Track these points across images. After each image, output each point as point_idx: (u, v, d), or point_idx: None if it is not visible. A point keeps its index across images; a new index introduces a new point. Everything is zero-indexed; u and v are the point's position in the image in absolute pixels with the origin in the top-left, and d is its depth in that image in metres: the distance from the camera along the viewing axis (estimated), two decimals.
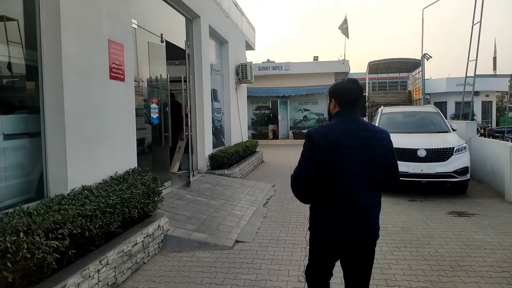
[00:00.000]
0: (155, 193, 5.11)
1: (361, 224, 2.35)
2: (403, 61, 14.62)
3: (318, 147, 2.29)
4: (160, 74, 7.33)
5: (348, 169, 2.29)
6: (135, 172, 5.33)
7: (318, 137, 2.32)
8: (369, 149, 2.32)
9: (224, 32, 11.50)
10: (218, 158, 9.53)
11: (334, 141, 2.30)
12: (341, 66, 22.26)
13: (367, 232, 2.38)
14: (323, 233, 2.42)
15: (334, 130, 2.36)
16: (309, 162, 2.33)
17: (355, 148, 2.30)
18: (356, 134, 2.34)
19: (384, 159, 2.38)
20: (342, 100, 2.45)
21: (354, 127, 2.38)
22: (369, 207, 2.38)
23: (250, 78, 13.14)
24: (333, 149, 2.29)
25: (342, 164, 2.29)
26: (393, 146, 2.46)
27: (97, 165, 4.81)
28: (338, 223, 2.34)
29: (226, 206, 6.81)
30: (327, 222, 2.38)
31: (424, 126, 9.45)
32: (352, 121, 2.41)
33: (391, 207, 7.25)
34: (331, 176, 2.30)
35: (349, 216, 2.32)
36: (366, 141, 2.34)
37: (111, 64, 5.15)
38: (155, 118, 6.93)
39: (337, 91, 2.48)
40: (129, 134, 5.64)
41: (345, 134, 2.33)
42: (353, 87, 2.47)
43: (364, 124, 2.44)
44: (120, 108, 5.38)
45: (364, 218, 2.36)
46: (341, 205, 2.32)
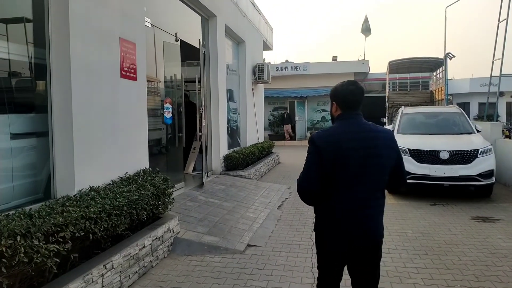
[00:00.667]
0: (165, 194, 4.99)
1: (364, 225, 2.36)
2: (425, 60, 14.17)
3: (321, 151, 2.32)
4: (174, 73, 7.23)
5: (351, 171, 2.31)
6: (145, 173, 5.22)
7: (321, 141, 2.34)
8: (373, 150, 2.33)
9: (241, 32, 11.36)
10: (233, 159, 9.39)
11: (337, 143, 2.32)
12: (360, 66, 21.89)
13: (369, 233, 2.38)
14: (326, 234, 2.45)
15: (336, 133, 2.38)
16: (313, 166, 2.35)
17: (358, 149, 2.31)
18: (358, 136, 2.35)
19: (388, 159, 2.38)
20: (343, 103, 2.45)
21: (356, 129, 2.38)
22: (372, 208, 2.37)
23: (267, 78, 12.97)
24: (336, 152, 2.30)
25: (346, 166, 2.30)
26: (398, 146, 2.45)
27: (106, 166, 4.71)
28: (340, 224, 2.37)
29: (239, 208, 6.65)
30: (329, 222, 2.41)
31: (447, 127, 9.09)
32: (355, 123, 2.41)
33: (411, 211, 6.96)
34: (335, 178, 2.33)
35: (351, 217, 2.34)
36: (369, 142, 2.34)
37: (122, 63, 5.05)
38: (169, 118, 6.83)
39: (338, 93, 2.47)
40: (141, 135, 5.54)
41: (348, 136, 2.34)
42: (354, 88, 2.45)
43: (367, 125, 2.43)
44: (131, 108, 5.28)
45: (366, 219, 2.36)
46: (344, 207, 2.34)
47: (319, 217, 2.47)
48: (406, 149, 7.89)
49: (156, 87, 6.65)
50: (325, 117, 22.72)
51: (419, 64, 14.75)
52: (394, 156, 2.40)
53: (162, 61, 6.94)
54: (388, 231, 5.80)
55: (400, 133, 8.88)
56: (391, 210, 7.00)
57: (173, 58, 7.25)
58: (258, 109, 13.68)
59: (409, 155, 7.82)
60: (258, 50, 14.06)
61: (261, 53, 14.57)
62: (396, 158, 2.42)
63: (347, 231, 2.35)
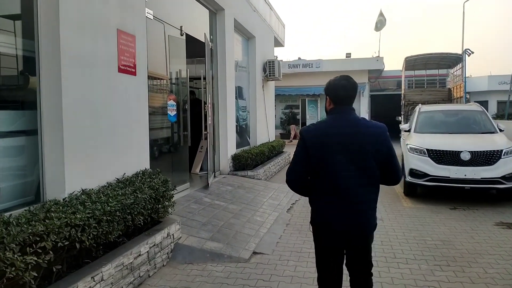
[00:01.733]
0: (165, 197, 4.65)
1: (353, 220, 2.40)
2: (443, 56, 13.58)
3: (307, 145, 2.39)
4: (179, 69, 6.90)
5: (338, 166, 2.35)
6: (145, 175, 4.90)
7: (308, 135, 2.42)
8: (360, 145, 2.35)
9: (250, 27, 10.99)
10: (241, 158, 9.03)
11: (324, 138, 2.37)
12: (375, 63, 21.35)
13: (359, 227, 2.43)
14: (320, 228, 2.51)
15: (324, 127, 2.43)
16: (299, 160, 2.44)
17: (345, 144, 2.34)
18: (346, 131, 2.38)
19: (377, 154, 2.38)
20: (335, 97, 2.49)
21: (345, 123, 2.41)
22: (361, 203, 2.40)
23: (278, 75, 12.57)
24: (322, 146, 2.36)
25: (333, 161, 2.35)
26: (389, 141, 2.44)
27: (101, 167, 4.40)
28: (330, 218, 2.42)
29: (246, 211, 6.29)
30: (321, 216, 2.48)
31: (467, 126, 8.59)
32: (344, 117, 2.43)
33: (430, 216, 6.51)
34: (323, 173, 2.39)
35: (340, 211, 2.39)
36: (357, 137, 2.36)
37: (120, 57, 4.73)
38: (173, 116, 6.50)
39: (331, 88, 2.51)
40: (141, 133, 5.22)
41: (335, 130, 2.38)
42: (346, 83, 2.47)
43: (357, 120, 2.44)
44: (130, 105, 4.96)
45: (355, 213, 2.39)
46: (333, 201, 2.40)
47: (312, 209, 2.55)
48: (424, 149, 7.44)
49: (159, 83, 6.32)
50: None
51: (437, 60, 14.15)
52: (384, 151, 2.40)
53: (166, 56, 6.62)
54: (406, 238, 5.38)
55: (418, 132, 8.43)
56: (408, 215, 6.56)
57: (179, 53, 6.91)
58: (269, 107, 13.30)
59: (428, 155, 7.36)
60: (269, 46, 13.67)
61: (272, 49, 14.17)
62: (387, 153, 2.42)
63: (338, 225, 2.41)
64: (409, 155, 7.65)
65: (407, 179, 7.64)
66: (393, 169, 2.48)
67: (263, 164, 9.90)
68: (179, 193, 6.54)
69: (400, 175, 2.55)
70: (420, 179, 7.42)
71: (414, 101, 14.32)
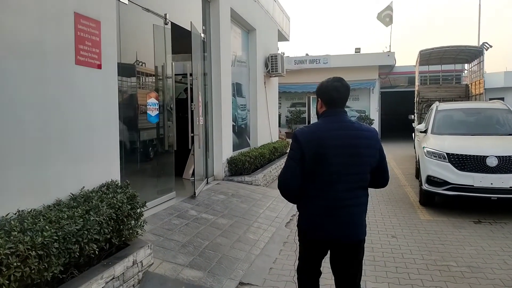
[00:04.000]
0: (131, 216, 3.82)
1: (344, 224, 2.37)
2: (461, 49, 12.53)
3: (303, 147, 2.33)
4: (163, 62, 6.06)
5: (332, 169, 2.32)
6: (110, 188, 4.07)
7: (303, 138, 2.36)
8: (354, 148, 2.34)
9: (250, 18, 10.11)
10: (238, 162, 8.17)
11: (319, 141, 2.33)
12: (385, 58, 20.29)
13: (349, 231, 2.39)
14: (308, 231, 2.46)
15: (318, 130, 2.39)
16: (294, 163, 2.37)
17: (339, 147, 2.32)
18: (340, 134, 2.35)
19: (370, 157, 2.39)
20: (327, 99, 2.45)
21: (339, 126, 2.38)
22: (353, 206, 2.38)
23: (281, 71, 11.68)
24: (317, 149, 2.32)
25: (327, 163, 2.32)
26: (381, 144, 2.44)
27: (50, 181, 3.58)
28: (320, 221, 2.38)
29: (237, 227, 5.44)
30: (310, 219, 2.43)
31: (491, 126, 7.64)
32: (338, 120, 2.40)
33: (452, 231, 5.60)
34: (316, 175, 2.36)
35: (332, 214, 2.36)
36: (351, 140, 2.35)
37: (78, 46, 3.90)
38: (154, 117, 5.67)
39: (323, 89, 2.47)
40: (109, 138, 4.40)
41: (330, 133, 2.35)
42: (339, 85, 2.44)
43: (350, 122, 2.42)
44: (93, 104, 4.14)
45: (347, 217, 2.37)
46: (325, 203, 2.36)
47: (301, 213, 2.51)
48: (443, 153, 6.52)
49: (138, 79, 5.49)
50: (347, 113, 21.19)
51: (453, 54, 13.11)
52: (376, 155, 2.41)
53: (147, 48, 5.79)
54: (425, 262, 4.49)
55: (435, 133, 7.50)
56: (426, 230, 5.65)
57: (163, 45, 6.07)
58: (271, 105, 12.41)
59: (448, 161, 6.44)
60: (272, 40, 12.77)
61: (275, 43, 13.27)
62: (379, 157, 2.42)
63: (327, 228, 2.37)
64: (426, 159, 6.73)
65: (424, 187, 6.73)
66: (383, 172, 2.49)
67: (263, 168, 9.03)
68: (161, 204, 5.72)
69: (388, 178, 2.56)
70: (439, 187, 6.50)
71: (429, 98, 13.34)
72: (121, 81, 4.97)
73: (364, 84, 20.39)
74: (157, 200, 5.75)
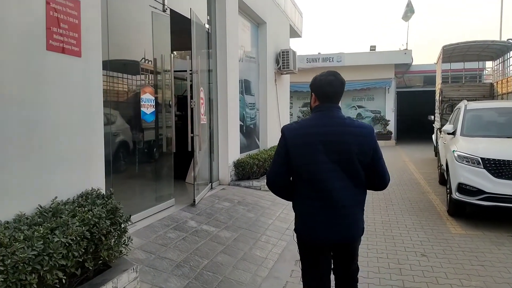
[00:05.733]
0: (111, 234, 3.16)
1: (339, 223, 2.30)
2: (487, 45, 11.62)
3: (288, 143, 2.29)
4: (161, 54, 5.40)
5: (322, 167, 2.25)
6: (88, 198, 3.41)
7: (290, 133, 2.31)
8: (344, 145, 2.26)
9: (260, 10, 9.42)
10: (245, 165, 7.49)
11: (306, 137, 2.28)
12: (402, 56, 19.42)
13: (345, 231, 2.32)
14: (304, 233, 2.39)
15: (307, 126, 2.34)
16: (280, 159, 2.34)
17: (328, 144, 2.25)
18: (330, 130, 2.28)
19: (362, 155, 2.28)
20: (321, 94, 2.38)
21: (329, 122, 2.31)
22: (346, 207, 2.30)
23: (293, 68, 10.96)
24: (304, 145, 2.27)
25: (316, 161, 2.25)
26: (376, 142, 2.33)
27: (11, 191, 2.93)
28: (314, 223, 2.31)
29: (242, 241, 4.75)
30: (305, 219, 2.36)
31: None
32: (329, 116, 2.33)
33: (490, 249, 4.84)
34: (305, 174, 2.29)
35: (325, 216, 2.28)
36: (341, 137, 2.27)
37: (50, 28, 3.25)
38: (149, 114, 5.02)
39: (316, 84, 2.40)
40: (89, 139, 3.74)
41: (319, 130, 2.29)
42: (333, 79, 2.35)
43: (342, 118, 2.34)
44: (69, 98, 3.49)
45: (341, 217, 2.30)
46: (317, 205, 2.28)
47: (296, 214, 2.44)
48: (477, 158, 5.74)
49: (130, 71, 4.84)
50: (361, 114, 20.35)
51: (478, 50, 12.21)
52: (369, 153, 2.29)
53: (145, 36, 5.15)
54: None
55: (466, 136, 6.71)
56: (461, 247, 4.89)
57: (161, 34, 5.42)
58: (282, 104, 11.70)
59: (483, 167, 5.67)
60: (283, 35, 12.06)
61: (287, 39, 12.55)
62: (373, 155, 2.31)
63: (323, 231, 2.29)
64: (457, 165, 5.96)
65: (454, 196, 5.95)
66: (380, 172, 2.37)
67: None
68: (157, 213, 5.07)
69: (388, 179, 2.44)
70: (473, 197, 5.72)
71: (450, 97, 12.48)
72: (109, 73, 4.33)
73: (379, 83, 19.54)
74: (153, 208, 5.09)
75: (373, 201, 7.08)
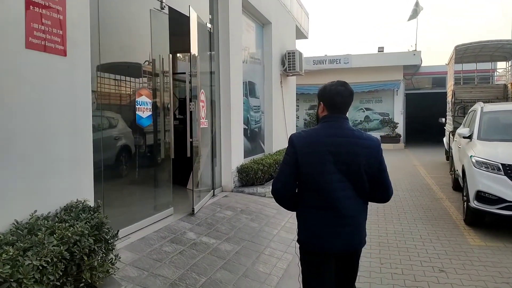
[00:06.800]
0: (94, 252, 2.83)
1: (345, 232, 2.29)
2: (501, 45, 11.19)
3: (298, 153, 2.27)
4: (159, 54, 5.09)
5: (330, 176, 2.24)
6: (72, 211, 3.09)
7: (299, 142, 2.30)
8: (352, 156, 2.26)
9: (265, 10, 9.10)
10: (249, 171, 7.16)
11: (315, 146, 2.27)
12: (411, 58, 18.95)
13: (350, 240, 2.32)
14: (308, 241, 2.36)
15: (316, 135, 2.32)
16: (289, 168, 2.31)
17: (337, 154, 2.25)
18: (339, 141, 2.28)
19: (369, 167, 2.28)
20: (330, 104, 2.36)
21: (338, 132, 2.30)
22: (352, 217, 2.30)
23: (299, 69, 10.63)
24: (313, 155, 2.26)
25: (324, 170, 2.24)
26: (382, 156, 2.34)
27: None
28: (322, 232, 2.29)
29: (245, 255, 4.40)
30: (308, 229, 2.34)
31: None
32: (338, 126, 2.33)
33: None
34: (313, 184, 2.28)
35: (331, 224, 2.27)
36: (350, 147, 2.26)
37: (30, 24, 2.95)
38: (145, 118, 4.70)
39: (326, 93, 2.38)
40: (75, 146, 3.42)
41: (328, 140, 2.28)
42: (343, 90, 2.34)
43: (350, 130, 2.34)
44: (53, 101, 3.18)
45: (346, 227, 2.29)
46: (322, 215, 2.28)
47: (300, 224, 2.42)
48: (498, 164, 5.36)
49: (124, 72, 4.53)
50: (369, 116, 19.94)
51: (491, 50, 11.78)
52: (376, 165, 2.31)
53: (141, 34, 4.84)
54: None
55: (483, 139, 6.32)
56: (481, 261, 4.50)
57: (159, 32, 5.11)
58: (288, 107, 11.36)
59: (504, 173, 5.28)
60: (289, 36, 11.73)
61: (293, 40, 12.22)
62: (378, 168, 2.32)
63: (328, 239, 2.28)
64: (476, 171, 5.57)
65: (472, 204, 5.56)
66: (384, 185, 2.37)
67: None
68: (154, 224, 4.74)
69: (391, 192, 2.41)
70: (493, 205, 5.33)
71: (462, 99, 12.05)
72: (100, 74, 4.02)
73: (387, 85, 19.10)
74: (149, 219, 4.77)
75: (384, 209, 6.69)
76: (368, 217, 2.47)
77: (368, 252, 4.71)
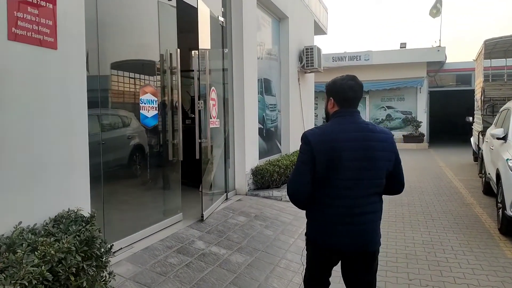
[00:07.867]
0: (83, 272, 2.49)
1: (358, 231, 2.24)
2: None
3: (314, 150, 2.19)
4: (166, 49, 4.75)
5: (346, 173, 2.19)
6: (61, 223, 2.75)
7: (314, 139, 2.22)
8: (370, 151, 2.21)
9: (281, 4, 8.69)
10: (265, 173, 6.77)
11: (332, 143, 2.20)
12: (435, 54, 18.22)
13: (364, 239, 2.25)
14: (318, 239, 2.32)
15: (331, 132, 2.26)
16: (304, 166, 2.24)
17: (354, 150, 2.19)
18: (356, 136, 2.22)
19: (386, 161, 2.27)
20: (341, 99, 2.33)
21: (353, 128, 2.25)
22: (368, 213, 2.26)
23: (317, 66, 10.18)
24: (330, 152, 2.19)
25: (341, 167, 2.18)
26: (396, 147, 2.33)
27: None
28: (333, 229, 2.25)
29: (258, 268, 4.02)
30: (321, 227, 2.29)
31: None
32: (352, 121, 2.28)
33: None
34: (328, 180, 2.22)
35: (345, 222, 2.22)
36: (367, 142, 2.22)
37: (13, 13, 2.63)
38: (151, 118, 4.36)
39: (336, 88, 2.35)
40: (68, 148, 3.10)
41: (344, 135, 2.22)
42: (354, 84, 2.31)
43: (365, 124, 2.30)
44: (42, 99, 2.86)
45: (363, 224, 2.24)
46: (340, 212, 2.22)
47: (311, 221, 2.37)
48: None
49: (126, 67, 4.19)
50: (391, 115, 19.25)
51: None
52: (392, 159, 2.29)
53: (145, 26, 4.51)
54: None
55: None
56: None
57: (166, 25, 4.77)
58: (306, 105, 10.92)
59: None
60: (307, 31, 11.28)
61: (311, 36, 11.77)
62: (395, 160, 2.31)
63: (341, 237, 2.23)
64: None
65: (509, 212, 5.04)
66: (399, 177, 2.37)
67: None
68: (161, 231, 4.41)
69: (404, 184, 2.43)
70: None
71: (491, 97, 11.36)
72: (99, 69, 3.69)
73: (410, 83, 18.42)
74: (155, 226, 4.44)
75: (410, 215, 6.20)
76: (392, 224, 2.23)
77: (394, 266, 4.28)
